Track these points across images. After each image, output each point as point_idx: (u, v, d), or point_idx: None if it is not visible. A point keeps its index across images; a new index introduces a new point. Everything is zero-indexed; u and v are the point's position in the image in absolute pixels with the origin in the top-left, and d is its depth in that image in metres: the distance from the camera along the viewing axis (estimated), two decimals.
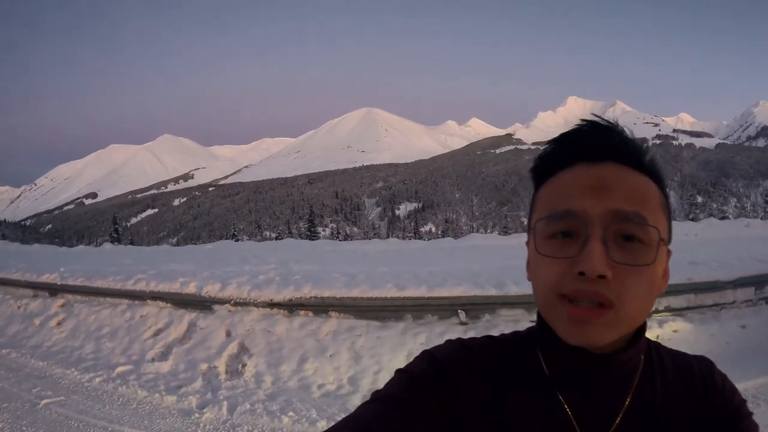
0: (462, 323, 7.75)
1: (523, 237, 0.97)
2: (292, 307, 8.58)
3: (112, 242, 52.29)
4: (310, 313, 8.46)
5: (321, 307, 8.40)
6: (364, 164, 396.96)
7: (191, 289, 9.49)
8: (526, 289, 7.63)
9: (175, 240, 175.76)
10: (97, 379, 7.90)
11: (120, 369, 8.18)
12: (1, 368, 8.78)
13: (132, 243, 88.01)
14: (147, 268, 10.76)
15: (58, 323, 10.52)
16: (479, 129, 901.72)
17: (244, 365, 7.77)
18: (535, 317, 1.02)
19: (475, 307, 7.96)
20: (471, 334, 6.99)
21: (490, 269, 9.04)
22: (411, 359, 1.01)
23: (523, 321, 7.56)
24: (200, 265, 10.84)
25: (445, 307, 7.97)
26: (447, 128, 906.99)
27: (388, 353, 7.24)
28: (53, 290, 11.60)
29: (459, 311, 7.85)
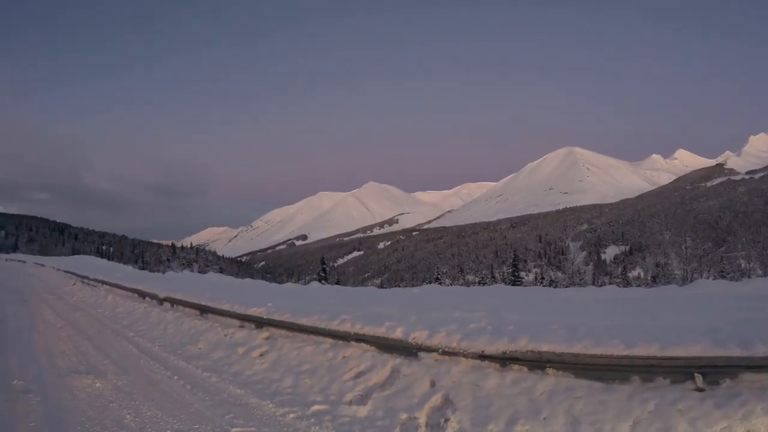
0: (698, 389, 6.49)
1: (762, 282, 0.32)
2: (504, 360, 7.76)
3: (319, 281, 54.24)
4: (525, 369, 7.58)
5: (537, 363, 7.48)
6: (568, 206, 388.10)
7: (398, 334, 9.09)
8: None
9: (379, 281, 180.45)
10: (291, 415, 7.76)
11: (316, 407, 8.01)
12: (199, 390, 9.04)
13: (338, 282, 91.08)
14: (352, 309, 10.58)
15: (261, 354, 10.74)
16: (687, 161, 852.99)
17: (446, 420, 7.12)
18: None
19: (714, 369, 6.56)
20: (709, 402, 5.93)
21: (730, 323, 7.69)
22: (636, 430, 0.41)
23: None
24: (407, 310, 10.43)
25: (679, 369, 6.64)
26: (652, 163, 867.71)
27: (611, 421, 6.19)
28: (259, 323, 11.92)
29: (696, 374, 6.64)
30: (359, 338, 9.64)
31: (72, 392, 8.53)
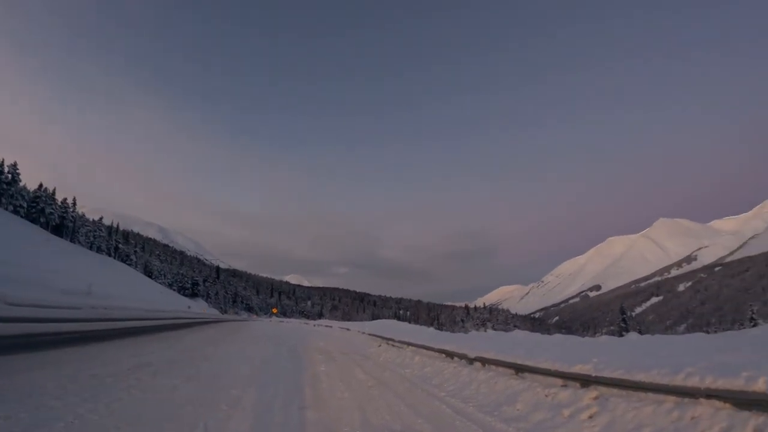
0: None
1: None
2: None
3: (620, 333, 51.98)
4: None
5: None
6: None
7: (759, 385, 7.41)
8: None
9: (682, 328, 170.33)
10: None
11: None
12: None
13: (639, 332, 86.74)
14: (695, 360, 9.06)
15: (590, 417, 9.69)
16: None
17: None
18: None
19: None
20: None
21: None
22: None
23: None
24: (762, 354, 8.82)
25: None
26: None
27: None
28: (586, 381, 10.80)
29: None
30: (710, 394, 8.09)
31: None
